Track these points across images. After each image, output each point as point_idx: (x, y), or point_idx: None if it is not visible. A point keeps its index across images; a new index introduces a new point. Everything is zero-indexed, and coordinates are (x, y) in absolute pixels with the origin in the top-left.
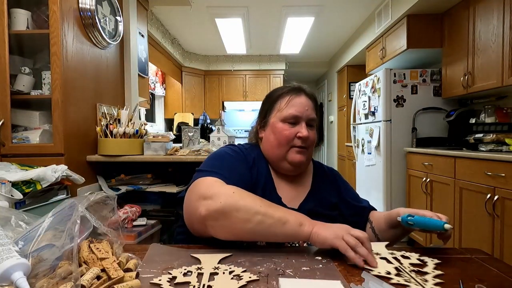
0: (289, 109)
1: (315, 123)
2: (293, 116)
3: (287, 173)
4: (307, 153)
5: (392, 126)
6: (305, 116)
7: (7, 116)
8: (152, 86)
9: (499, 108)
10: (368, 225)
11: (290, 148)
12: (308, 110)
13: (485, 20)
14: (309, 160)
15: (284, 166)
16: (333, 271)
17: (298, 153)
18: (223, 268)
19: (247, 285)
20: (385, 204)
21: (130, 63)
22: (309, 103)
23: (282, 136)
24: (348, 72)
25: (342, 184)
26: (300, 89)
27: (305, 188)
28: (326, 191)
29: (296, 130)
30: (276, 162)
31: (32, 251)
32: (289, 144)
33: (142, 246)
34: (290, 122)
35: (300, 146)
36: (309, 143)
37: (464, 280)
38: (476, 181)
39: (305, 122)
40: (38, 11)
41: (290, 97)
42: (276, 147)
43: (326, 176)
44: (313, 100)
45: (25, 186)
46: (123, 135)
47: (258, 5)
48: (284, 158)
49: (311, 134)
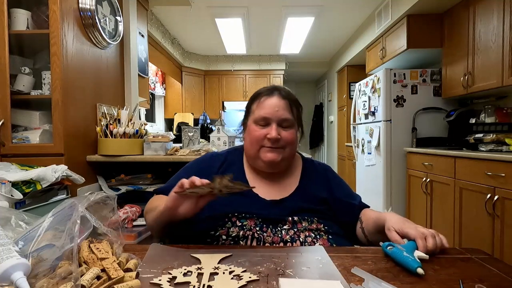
0: (260, 111)
1: (289, 123)
2: (262, 117)
3: (264, 170)
4: (283, 153)
5: (392, 126)
6: (276, 117)
7: (7, 116)
8: (152, 86)
9: (499, 108)
10: (358, 224)
11: (261, 148)
12: (279, 111)
13: (485, 20)
14: (287, 159)
15: (259, 164)
16: (333, 271)
17: (269, 152)
18: (223, 268)
19: (247, 285)
20: (385, 204)
21: (130, 63)
22: (281, 103)
23: (253, 137)
24: (348, 72)
25: (333, 180)
26: (273, 90)
27: (292, 184)
28: (315, 186)
29: (266, 132)
30: (252, 161)
31: (32, 251)
32: (259, 144)
33: (142, 246)
34: (260, 124)
35: (270, 147)
36: (282, 144)
37: (464, 280)
38: (476, 181)
39: (276, 123)
40: (38, 11)
41: (261, 99)
42: (250, 147)
43: (316, 172)
44: (288, 100)
45: (25, 186)
46: (123, 135)
47: (258, 5)
48: (258, 157)
49: (285, 134)
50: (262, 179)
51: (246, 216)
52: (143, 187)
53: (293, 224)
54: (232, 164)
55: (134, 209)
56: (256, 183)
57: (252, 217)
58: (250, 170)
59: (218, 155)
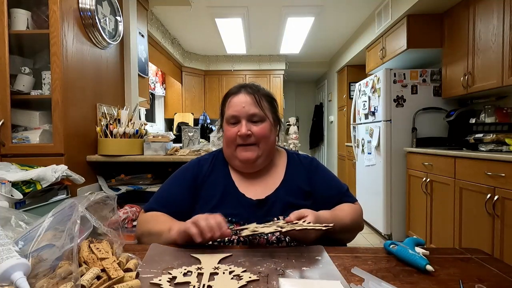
0: (229, 110)
1: (258, 117)
2: (231, 116)
3: (242, 170)
4: (258, 150)
5: (392, 126)
6: (244, 113)
7: (7, 116)
8: (152, 86)
9: (499, 108)
10: None
11: (237, 147)
12: (245, 107)
13: (485, 20)
14: (264, 155)
15: (236, 164)
16: (333, 271)
17: (244, 150)
18: (223, 268)
19: (247, 285)
20: (385, 204)
21: (130, 63)
22: (248, 99)
23: (226, 137)
24: (348, 72)
25: (315, 171)
26: (239, 88)
27: (276, 180)
28: (300, 179)
29: (237, 129)
30: (230, 161)
31: (32, 251)
32: (234, 143)
33: (142, 246)
34: (231, 122)
35: (243, 144)
36: (254, 140)
37: (464, 280)
38: (476, 181)
39: (245, 119)
40: (38, 11)
41: (229, 98)
42: (226, 147)
43: (301, 165)
44: (256, 95)
45: (25, 186)
46: (123, 135)
47: (258, 5)
48: (234, 157)
49: (256, 129)
50: (247, 178)
51: (232, 220)
52: (143, 187)
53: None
54: (218, 166)
55: (134, 209)
56: (241, 183)
57: (239, 222)
58: (234, 170)
59: (204, 159)
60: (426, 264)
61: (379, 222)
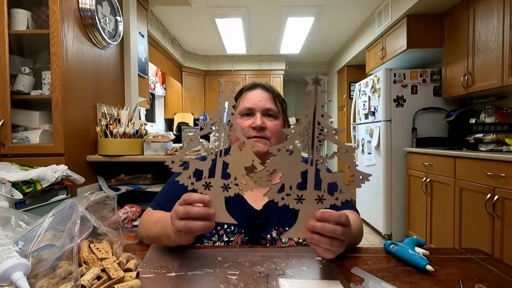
0: (243, 103)
1: (273, 112)
2: (246, 108)
3: None
4: (269, 144)
5: (392, 126)
6: (260, 107)
7: (7, 116)
8: (152, 86)
9: (499, 108)
10: None
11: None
12: (262, 101)
13: (485, 20)
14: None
15: None
16: (333, 271)
17: (256, 142)
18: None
19: (247, 285)
20: (385, 204)
21: (130, 63)
22: (265, 95)
23: None
24: (348, 72)
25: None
26: (254, 84)
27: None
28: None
29: (252, 122)
30: None
31: (32, 251)
32: (246, 135)
33: (142, 246)
34: (246, 114)
35: (256, 136)
36: (268, 134)
37: (464, 280)
38: (476, 181)
39: (260, 112)
40: (38, 11)
41: (244, 93)
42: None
43: None
44: (271, 92)
45: (25, 186)
46: (123, 135)
47: (258, 5)
48: None
49: (270, 124)
50: None
51: (233, 231)
52: (143, 187)
53: (272, 241)
54: None
55: (134, 209)
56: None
57: (240, 233)
58: None
59: None
60: (426, 264)
61: (379, 222)
